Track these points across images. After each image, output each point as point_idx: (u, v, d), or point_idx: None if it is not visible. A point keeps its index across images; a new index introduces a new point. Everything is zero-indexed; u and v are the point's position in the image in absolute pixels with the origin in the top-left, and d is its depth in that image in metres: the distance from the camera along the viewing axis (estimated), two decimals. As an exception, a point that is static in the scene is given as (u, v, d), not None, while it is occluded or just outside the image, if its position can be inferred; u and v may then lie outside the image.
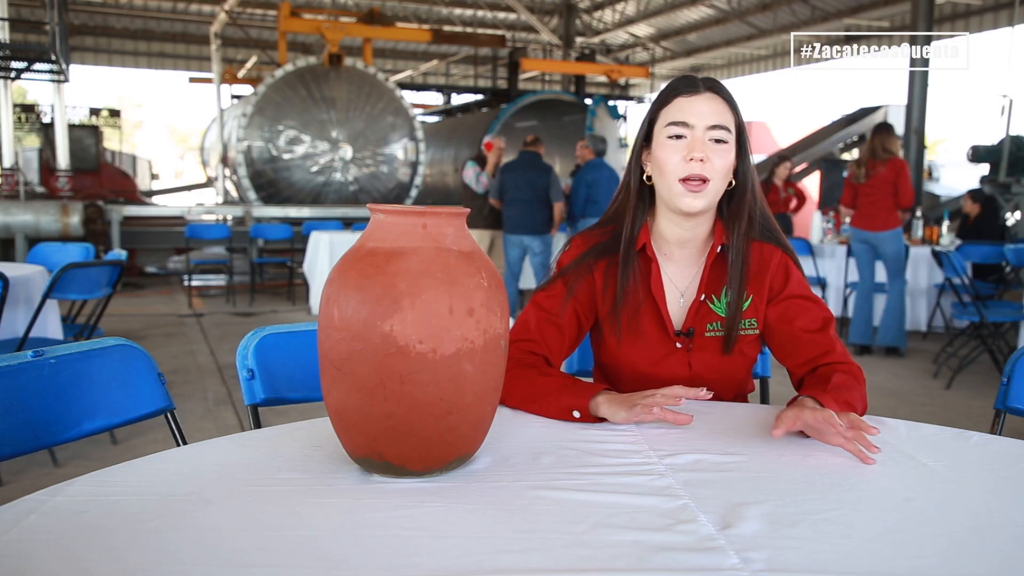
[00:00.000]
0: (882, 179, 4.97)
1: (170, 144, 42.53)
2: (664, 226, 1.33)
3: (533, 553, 0.74)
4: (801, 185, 9.79)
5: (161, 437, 3.23)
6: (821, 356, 1.27)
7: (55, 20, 6.97)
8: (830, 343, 1.27)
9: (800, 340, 1.29)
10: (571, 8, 16.27)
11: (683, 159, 1.23)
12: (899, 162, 5.01)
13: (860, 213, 5.14)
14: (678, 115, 1.24)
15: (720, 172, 1.24)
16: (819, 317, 1.30)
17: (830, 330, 1.29)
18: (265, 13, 15.82)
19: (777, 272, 1.32)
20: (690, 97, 1.25)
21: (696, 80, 1.27)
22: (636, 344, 1.33)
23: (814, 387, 1.17)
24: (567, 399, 1.14)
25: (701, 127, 1.23)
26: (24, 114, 13.86)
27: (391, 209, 0.92)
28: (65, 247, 4.05)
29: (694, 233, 1.32)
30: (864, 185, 5.04)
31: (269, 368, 1.34)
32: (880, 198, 5.00)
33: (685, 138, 1.24)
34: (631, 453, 1.03)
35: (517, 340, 1.30)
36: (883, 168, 4.96)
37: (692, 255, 1.35)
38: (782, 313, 1.31)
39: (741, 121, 1.28)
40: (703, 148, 1.22)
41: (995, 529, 0.81)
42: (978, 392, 4.48)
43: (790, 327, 1.30)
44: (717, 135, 1.23)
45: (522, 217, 6.01)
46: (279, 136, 10.22)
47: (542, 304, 1.33)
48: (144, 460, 0.96)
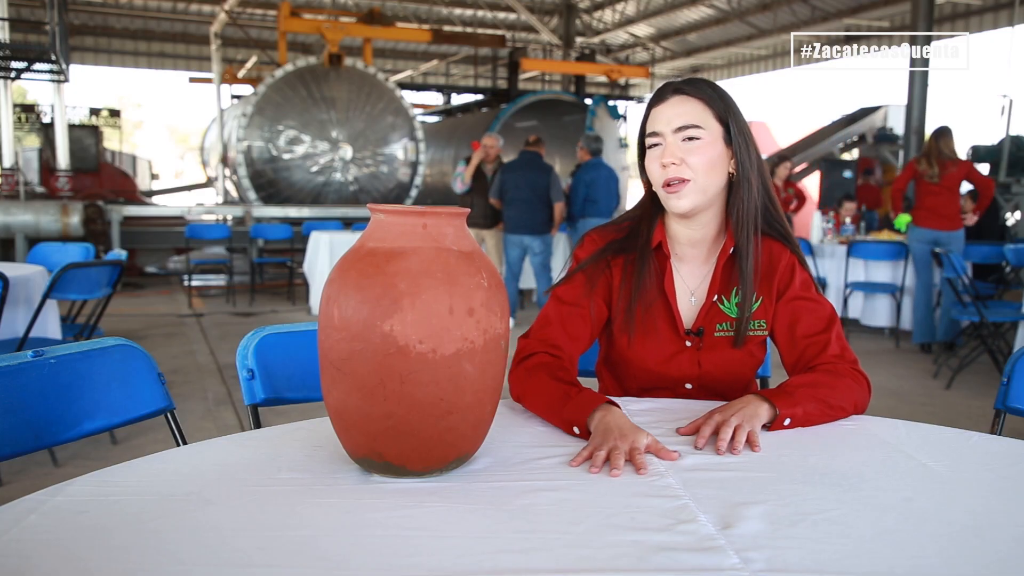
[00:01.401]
0: (953, 178, 5.14)
1: (170, 144, 42.55)
2: (673, 227, 1.36)
3: (533, 553, 0.74)
4: (801, 185, 9.79)
5: (161, 437, 3.23)
6: (816, 357, 1.28)
7: (55, 20, 6.97)
8: (826, 342, 1.28)
9: (799, 344, 1.30)
10: (571, 8, 16.27)
11: (660, 166, 1.27)
12: (967, 163, 5.24)
13: (931, 214, 5.25)
14: (651, 126, 1.30)
15: (700, 168, 1.26)
16: (821, 317, 1.31)
17: (832, 329, 1.30)
18: (265, 13, 15.82)
19: (784, 273, 1.33)
20: (658, 106, 1.29)
21: (666, 88, 1.30)
22: (647, 341, 1.34)
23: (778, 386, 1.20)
24: (568, 412, 1.13)
25: (669, 132, 1.27)
26: (24, 114, 13.86)
27: (391, 209, 0.92)
28: (65, 247, 4.05)
29: (702, 233, 1.34)
30: (935, 185, 5.17)
31: (269, 368, 1.34)
32: (951, 199, 5.20)
33: (660, 145, 1.28)
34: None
35: (537, 335, 1.31)
36: (953, 168, 5.13)
37: (703, 255, 1.36)
38: (785, 317, 1.33)
39: (729, 114, 1.28)
40: (674, 152, 1.26)
41: (995, 529, 0.81)
42: (978, 392, 4.47)
43: (791, 332, 1.32)
44: (687, 134, 1.26)
45: (522, 217, 6.01)
46: (279, 136, 10.22)
47: (563, 297, 1.35)
48: (144, 460, 0.96)
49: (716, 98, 1.28)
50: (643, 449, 1.00)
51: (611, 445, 1.00)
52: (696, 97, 1.27)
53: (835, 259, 6.18)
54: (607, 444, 1.01)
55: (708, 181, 1.27)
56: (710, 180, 1.27)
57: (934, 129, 5.26)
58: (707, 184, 1.27)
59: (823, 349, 1.28)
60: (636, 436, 1.02)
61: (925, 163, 5.18)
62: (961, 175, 5.16)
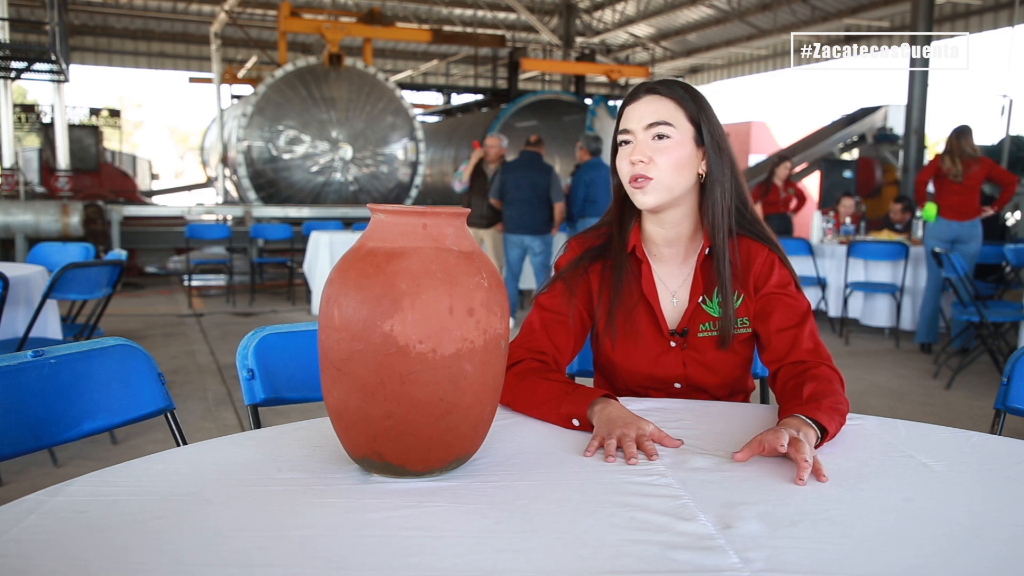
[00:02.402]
0: (975, 177, 5.22)
1: (170, 144, 42.56)
2: (647, 227, 1.37)
3: (533, 553, 0.74)
4: (801, 185, 9.79)
5: (161, 437, 3.23)
6: (788, 354, 1.27)
7: (55, 20, 6.97)
8: (798, 336, 1.28)
9: (772, 338, 1.30)
10: (571, 8, 16.27)
11: (629, 163, 1.28)
12: (989, 160, 5.32)
13: (951, 210, 5.30)
14: (622, 123, 1.31)
15: (666, 167, 1.27)
16: (796, 313, 1.31)
17: (805, 325, 1.29)
18: (265, 13, 15.82)
19: (762, 269, 1.34)
20: (631, 104, 1.30)
21: (640, 87, 1.32)
22: (631, 344, 1.35)
23: (796, 402, 1.14)
24: (567, 406, 1.14)
25: (640, 129, 1.28)
26: (24, 114, 13.85)
27: (391, 209, 0.92)
28: (65, 247, 4.04)
29: (676, 232, 1.35)
30: (958, 184, 5.24)
31: (269, 368, 1.34)
32: (972, 197, 5.28)
33: (630, 143, 1.29)
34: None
35: (522, 343, 1.32)
36: (976, 167, 5.21)
37: (680, 255, 1.37)
38: (759, 310, 1.33)
39: (701, 115, 1.29)
40: (643, 150, 1.27)
41: (995, 529, 0.81)
42: (978, 392, 4.47)
43: (764, 325, 1.32)
44: (656, 131, 1.27)
45: (523, 217, 6.01)
46: (279, 136, 10.21)
47: (545, 305, 1.36)
48: (144, 460, 0.96)
49: (688, 99, 1.29)
50: (649, 436, 1.03)
51: (619, 433, 1.03)
52: (668, 97, 1.28)
53: (835, 259, 6.18)
54: (614, 433, 1.03)
55: (674, 180, 1.28)
56: (677, 179, 1.28)
57: (955, 128, 5.32)
58: (673, 183, 1.28)
59: (795, 343, 1.27)
60: (640, 424, 1.05)
61: (949, 161, 5.23)
62: (984, 173, 5.24)
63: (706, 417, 1.20)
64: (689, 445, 1.06)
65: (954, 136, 5.28)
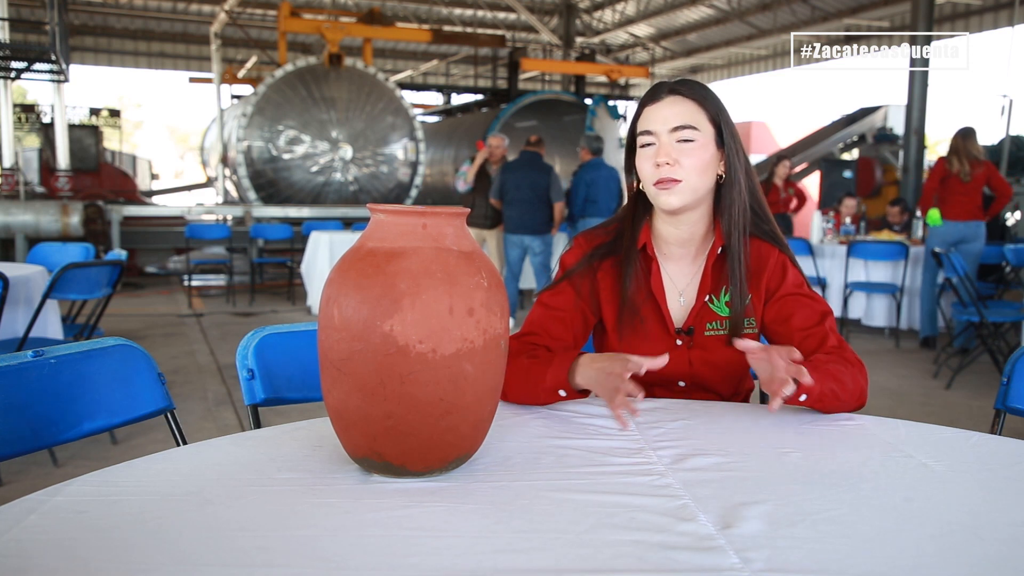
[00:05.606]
0: (980, 178, 5.30)
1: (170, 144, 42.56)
2: (661, 227, 1.37)
3: (533, 553, 0.74)
4: (801, 185, 9.78)
5: (161, 437, 3.23)
6: (816, 350, 1.28)
7: (55, 20, 6.97)
8: (824, 335, 1.29)
9: (795, 337, 1.31)
10: (571, 8, 16.27)
11: (653, 165, 1.28)
12: (991, 164, 5.42)
13: (956, 210, 5.36)
14: (644, 124, 1.30)
15: (693, 169, 1.27)
16: (816, 312, 1.31)
17: (826, 323, 1.30)
18: (265, 13, 15.82)
19: (774, 271, 1.34)
20: (653, 105, 1.30)
21: (660, 87, 1.31)
22: (637, 342, 1.35)
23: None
24: (551, 377, 1.18)
25: (664, 132, 1.27)
26: (24, 114, 13.85)
27: (391, 209, 0.92)
28: (65, 247, 4.05)
29: (691, 232, 1.35)
30: (964, 184, 5.31)
31: (269, 368, 1.34)
32: (976, 195, 5.35)
33: (653, 145, 1.29)
34: (631, 453, 1.03)
35: (519, 336, 1.33)
36: (980, 168, 5.29)
37: (691, 255, 1.38)
38: (778, 312, 1.34)
39: (720, 117, 1.30)
40: (668, 152, 1.27)
41: (994, 529, 0.81)
42: (978, 392, 4.47)
43: (786, 326, 1.32)
44: (682, 135, 1.27)
45: (523, 217, 6.01)
46: (279, 136, 10.22)
47: (548, 303, 1.37)
48: (144, 460, 0.96)
49: (709, 100, 1.29)
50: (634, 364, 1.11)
51: (614, 387, 1.11)
52: (691, 98, 1.29)
53: (835, 259, 6.18)
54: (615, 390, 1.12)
55: (699, 182, 1.28)
56: (701, 181, 1.29)
57: (960, 129, 5.37)
58: (698, 185, 1.28)
59: (822, 342, 1.28)
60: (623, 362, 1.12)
61: (956, 162, 5.27)
62: (986, 176, 5.30)
63: (706, 417, 1.20)
64: (690, 445, 1.06)
65: (959, 137, 5.31)
